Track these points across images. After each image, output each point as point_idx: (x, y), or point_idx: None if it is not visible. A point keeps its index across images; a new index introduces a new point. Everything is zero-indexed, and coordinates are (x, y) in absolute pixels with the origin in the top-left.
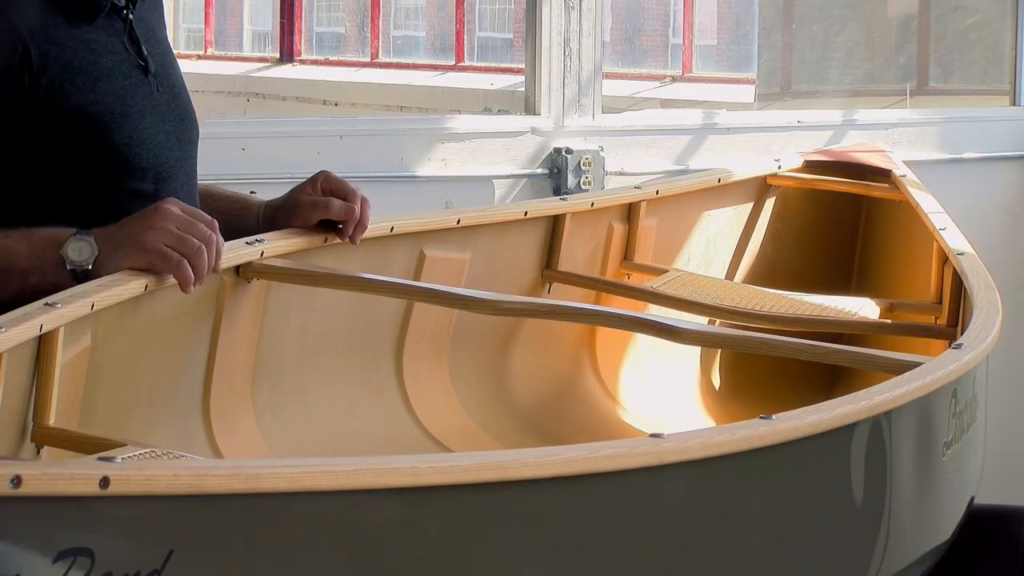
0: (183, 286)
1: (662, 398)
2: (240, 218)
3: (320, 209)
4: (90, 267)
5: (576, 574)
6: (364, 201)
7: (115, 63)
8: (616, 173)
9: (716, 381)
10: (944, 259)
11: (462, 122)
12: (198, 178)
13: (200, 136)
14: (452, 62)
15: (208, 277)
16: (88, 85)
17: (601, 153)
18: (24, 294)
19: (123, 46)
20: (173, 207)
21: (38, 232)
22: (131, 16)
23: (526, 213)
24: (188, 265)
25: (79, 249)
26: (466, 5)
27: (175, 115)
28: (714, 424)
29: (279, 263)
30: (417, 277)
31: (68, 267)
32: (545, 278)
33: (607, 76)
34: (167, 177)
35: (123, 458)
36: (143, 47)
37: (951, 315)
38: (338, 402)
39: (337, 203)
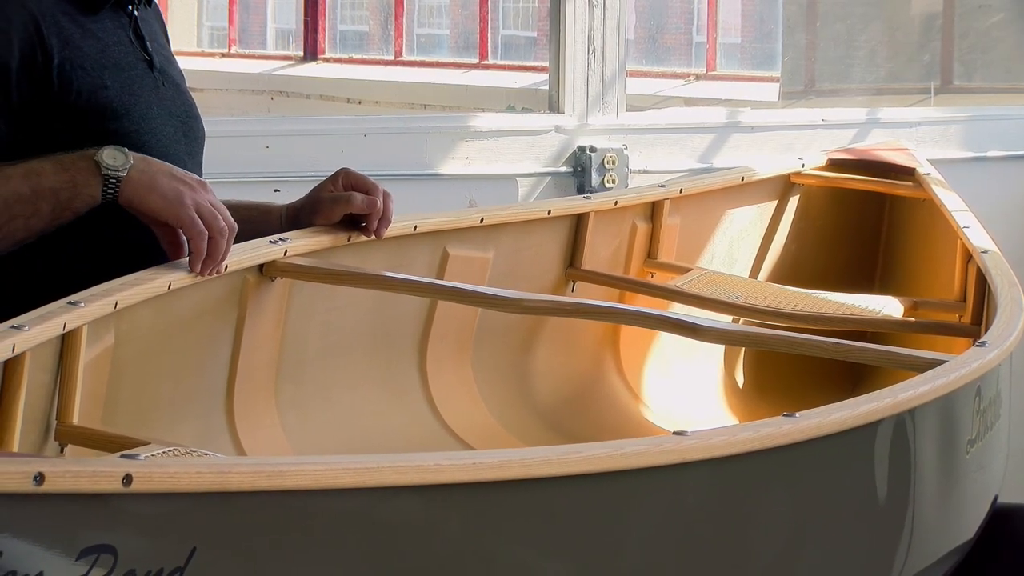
0: (194, 259)
1: (685, 396)
2: (263, 223)
3: (342, 204)
4: (123, 174)
5: (598, 571)
6: (386, 195)
7: (121, 53)
8: (640, 171)
9: (739, 379)
10: (968, 257)
11: (486, 120)
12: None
13: (224, 134)
14: (476, 60)
15: (213, 272)
16: (96, 71)
17: (625, 151)
18: (55, 216)
19: (128, 39)
20: (207, 186)
21: (59, 154)
22: (136, 12)
23: (549, 212)
24: (207, 241)
25: (114, 155)
26: (489, 3)
27: (181, 111)
28: (737, 422)
29: (302, 261)
30: (440, 276)
31: (102, 172)
32: (568, 277)
33: (631, 74)
34: None
35: (146, 456)
36: (147, 44)
37: (975, 313)
38: (361, 400)
39: (359, 197)
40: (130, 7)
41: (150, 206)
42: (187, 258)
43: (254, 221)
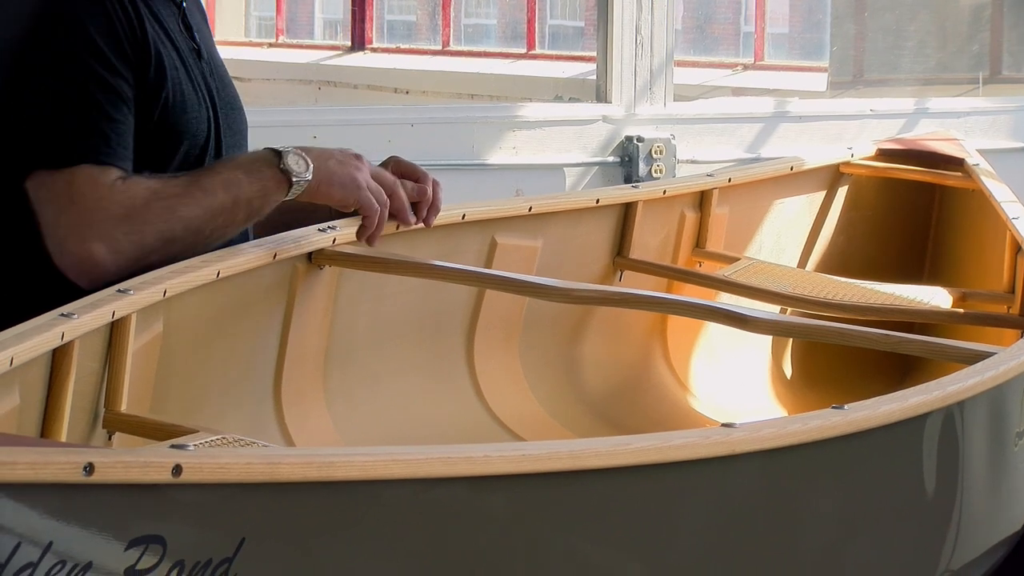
0: (365, 232)
1: (733, 387)
2: (312, 210)
3: None
4: (309, 177)
5: (647, 563)
6: (435, 183)
7: (180, 43)
8: (687, 161)
9: (787, 370)
10: (1017, 248)
11: (533, 110)
12: None
13: (272, 124)
14: (523, 50)
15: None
16: (158, 62)
17: (672, 141)
18: (246, 222)
19: (179, 28)
20: (360, 155)
21: (239, 160)
22: (184, 3)
23: (598, 201)
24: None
25: (296, 161)
26: None
27: (226, 103)
28: (785, 413)
29: (351, 250)
30: (488, 264)
31: (294, 179)
32: (616, 266)
33: (678, 64)
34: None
35: (195, 445)
36: (195, 34)
37: None
38: (409, 389)
39: (409, 185)
40: None
41: (332, 197)
42: (242, 245)
43: (304, 208)
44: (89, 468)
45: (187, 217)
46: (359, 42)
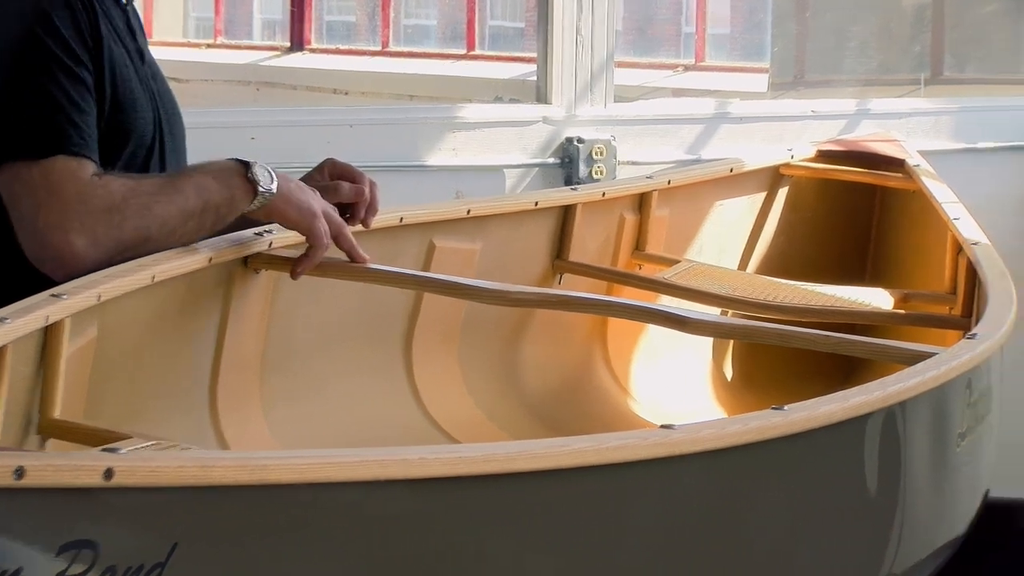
0: (305, 263)
1: (674, 389)
2: (253, 213)
3: (329, 194)
4: (274, 191)
5: (585, 565)
6: (372, 183)
7: (124, 43)
8: (628, 163)
9: (728, 372)
10: (958, 249)
11: (473, 111)
12: None
13: (210, 125)
14: (463, 51)
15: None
16: (111, 60)
17: (613, 142)
18: (212, 228)
19: (125, 30)
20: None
21: (207, 167)
22: (130, 6)
23: (537, 203)
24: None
25: (262, 173)
26: None
27: (167, 106)
28: (726, 415)
29: (288, 253)
30: (427, 268)
31: (260, 189)
32: (556, 268)
33: (619, 65)
34: (163, 169)
35: (128, 450)
36: (137, 36)
37: (965, 305)
38: (347, 393)
39: (346, 186)
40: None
41: (289, 218)
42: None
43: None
44: (20, 472)
45: (162, 216)
46: (298, 43)
